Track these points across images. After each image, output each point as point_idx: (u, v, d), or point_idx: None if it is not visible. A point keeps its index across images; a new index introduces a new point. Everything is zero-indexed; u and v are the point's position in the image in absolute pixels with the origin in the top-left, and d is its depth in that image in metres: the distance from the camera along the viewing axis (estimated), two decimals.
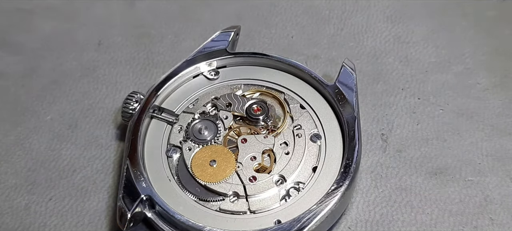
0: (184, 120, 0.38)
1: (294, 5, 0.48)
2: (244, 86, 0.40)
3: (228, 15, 0.48)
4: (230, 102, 0.39)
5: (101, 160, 0.39)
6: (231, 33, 0.41)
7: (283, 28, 0.47)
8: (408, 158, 0.38)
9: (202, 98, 0.39)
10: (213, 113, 0.38)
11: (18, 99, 0.43)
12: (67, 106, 0.42)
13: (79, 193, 0.38)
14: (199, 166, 0.35)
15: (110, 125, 0.41)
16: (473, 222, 0.35)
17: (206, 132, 0.37)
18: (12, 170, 0.39)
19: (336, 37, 0.46)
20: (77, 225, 0.36)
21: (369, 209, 0.36)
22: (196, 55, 0.40)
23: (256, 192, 0.34)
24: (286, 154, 0.36)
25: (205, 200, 0.34)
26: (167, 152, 0.36)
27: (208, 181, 0.35)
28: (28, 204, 0.37)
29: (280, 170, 0.35)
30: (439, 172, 0.38)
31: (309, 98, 0.38)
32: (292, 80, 0.40)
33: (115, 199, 0.37)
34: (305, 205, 0.33)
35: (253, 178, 0.35)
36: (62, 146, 0.40)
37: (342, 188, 0.33)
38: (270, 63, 0.40)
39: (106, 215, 0.36)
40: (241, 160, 0.36)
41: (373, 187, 0.37)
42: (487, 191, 0.36)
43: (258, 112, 0.38)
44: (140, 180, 0.34)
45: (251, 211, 0.34)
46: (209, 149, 0.36)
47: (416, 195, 0.36)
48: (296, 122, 0.38)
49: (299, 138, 0.37)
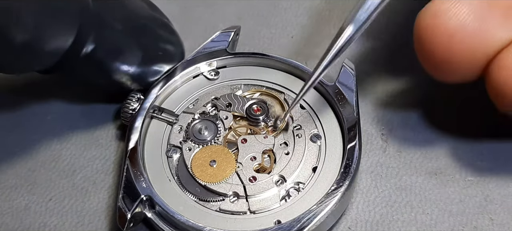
0: (184, 120, 0.38)
1: (294, 5, 0.48)
2: (244, 87, 0.40)
3: (228, 15, 0.48)
4: (230, 103, 0.39)
5: (101, 160, 0.39)
6: (231, 34, 0.41)
7: (283, 28, 0.47)
8: (408, 158, 0.38)
9: (202, 99, 0.39)
10: (213, 114, 0.38)
11: (18, 99, 0.43)
12: (67, 106, 0.42)
13: (79, 193, 0.38)
14: (199, 166, 0.35)
15: (110, 125, 0.41)
16: (473, 222, 0.35)
17: (206, 132, 0.37)
18: (12, 170, 0.39)
19: None
20: (77, 225, 0.36)
21: (369, 209, 0.36)
22: (196, 55, 0.40)
23: (256, 192, 0.34)
24: (286, 154, 0.36)
25: (205, 200, 0.34)
26: (167, 152, 0.37)
27: (208, 181, 0.35)
28: (28, 204, 0.37)
29: (280, 170, 0.35)
30: (439, 172, 0.37)
31: (309, 99, 0.39)
32: (292, 80, 0.40)
33: (115, 199, 0.37)
34: (305, 205, 0.33)
35: (253, 178, 0.35)
36: (62, 146, 0.40)
37: (342, 188, 0.33)
38: (270, 64, 0.40)
39: (106, 215, 0.36)
40: (241, 160, 0.36)
41: (373, 187, 0.37)
42: (487, 191, 0.36)
43: (258, 113, 0.38)
44: (140, 180, 0.34)
45: (251, 211, 0.34)
46: (209, 149, 0.36)
47: (416, 195, 0.36)
48: (296, 122, 0.38)
49: (299, 138, 0.37)
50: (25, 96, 0.43)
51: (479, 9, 0.31)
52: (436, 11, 0.32)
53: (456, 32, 0.31)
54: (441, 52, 0.32)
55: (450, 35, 0.31)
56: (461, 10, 0.31)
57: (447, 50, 0.32)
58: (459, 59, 0.32)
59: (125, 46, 0.36)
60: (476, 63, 0.32)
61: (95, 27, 0.33)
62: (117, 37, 0.35)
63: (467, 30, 0.31)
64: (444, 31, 0.31)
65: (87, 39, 0.33)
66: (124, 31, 0.35)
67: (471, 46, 0.31)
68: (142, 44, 0.37)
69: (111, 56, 0.35)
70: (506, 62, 0.31)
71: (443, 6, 0.32)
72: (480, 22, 0.31)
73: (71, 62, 0.34)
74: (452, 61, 0.32)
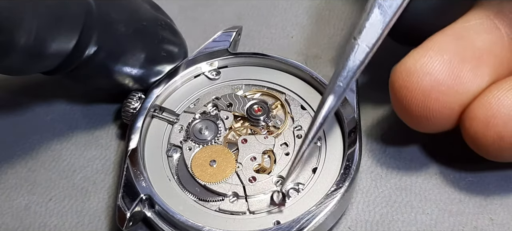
0: (184, 119, 0.38)
1: (294, 5, 0.48)
2: (245, 87, 0.40)
3: (228, 15, 0.48)
4: (231, 103, 0.39)
5: (101, 160, 0.39)
6: (233, 33, 0.41)
7: (283, 28, 0.47)
8: (408, 158, 0.38)
9: (203, 98, 0.39)
10: (214, 113, 0.38)
11: (18, 100, 0.43)
12: (67, 107, 0.42)
13: (79, 193, 0.38)
14: (199, 166, 0.35)
15: (110, 125, 0.41)
16: (473, 222, 0.35)
17: (206, 131, 0.37)
18: (12, 170, 0.39)
19: (336, 37, 0.46)
20: (77, 225, 0.36)
21: (369, 209, 0.36)
22: (198, 55, 0.40)
23: (256, 192, 0.34)
24: (286, 154, 0.36)
25: (205, 200, 0.34)
26: (168, 152, 0.37)
27: (208, 181, 0.35)
28: (28, 204, 0.37)
29: (280, 170, 0.35)
30: (439, 172, 0.38)
31: (310, 99, 0.39)
32: (293, 80, 0.40)
33: (115, 199, 0.37)
34: (304, 206, 0.33)
35: (252, 178, 0.35)
36: (62, 146, 0.40)
37: (342, 189, 0.33)
38: (271, 64, 0.40)
39: (106, 215, 0.36)
40: (241, 160, 0.36)
41: (373, 187, 0.37)
42: (487, 191, 0.36)
43: (258, 113, 0.38)
44: (140, 180, 0.34)
45: (250, 211, 0.34)
46: (209, 149, 0.36)
47: (416, 195, 0.36)
48: (296, 123, 0.38)
49: (299, 139, 0.37)
50: (25, 96, 0.43)
51: (451, 65, 0.32)
52: (409, 70, 0.32)
53: (431, 90, 0.32)
54: (417, 110, 0.33)
55: (425, 94, 0.32)
56: (434, 68, 0.32)
57: (423, 108, 0.32)
58: (435, 115, 0.32)
59: (128, 48, 0.36)
60: (452, 115, 0.33)
61: (98, 29, 0.33)
62: (120, 38, 0.35)
63: (441, 88, 0.32)
64: (419, 91, 0.32)
65: (90, 41, 0.33)
66: (127, 32, 0.35)
67: (446, 103, 0.32)
68: (145, 46, 0.37)
69: (114, 58, 0.35)
70: (477, 113, 0.32)
71: (417, 64, 0.32)
72: (453, 78, 0.32)
73: (74, 63, 0.34)
74: (429, 117, 0.33)
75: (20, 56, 0.30)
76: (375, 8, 0.32)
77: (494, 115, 0.31)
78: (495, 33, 0.33)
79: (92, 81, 0.37)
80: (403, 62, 0.33)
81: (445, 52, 0.32)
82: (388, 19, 0.32)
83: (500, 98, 0.31)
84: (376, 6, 0.32)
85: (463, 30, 0.33)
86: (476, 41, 0.33)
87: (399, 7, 0.32)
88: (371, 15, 0.32)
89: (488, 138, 0.32)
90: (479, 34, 0.33)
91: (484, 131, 0.32)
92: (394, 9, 0.32)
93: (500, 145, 0.32)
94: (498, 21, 0.33)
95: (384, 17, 0.32)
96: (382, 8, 0.32)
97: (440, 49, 0.32)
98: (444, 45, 0.32)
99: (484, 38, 0.33)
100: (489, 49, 0.32)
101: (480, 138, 0.32)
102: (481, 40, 0.33)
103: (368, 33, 0.32)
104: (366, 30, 0.32)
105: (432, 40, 0.33)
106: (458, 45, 0.32)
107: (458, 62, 0.32)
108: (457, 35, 0.33)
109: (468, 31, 0.33)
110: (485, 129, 0.32)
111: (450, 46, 0.32)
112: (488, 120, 0.31)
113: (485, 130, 0.32)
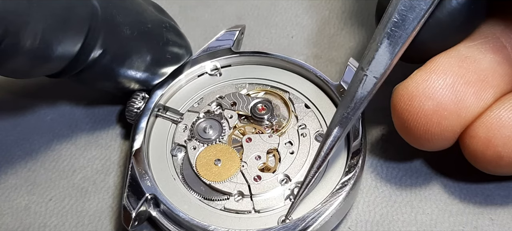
0: (189, 118, 0.38)
1: (294, 5, 0.49)
2: (249, 86, 0.40)
3: (228, 15, 0.48)
4: (235, 102, 0.39)
5: (101, 160, 0.39)
6: (236, 32, 0.41)
7: (283, 28, 0.47)
8: (408, 158, 0.39)
9: (207, 97, 0.39)
10: (218, 113, 0.38)
11: (18, 100, 0.42)
12: (67, 107, 0.42)
13: (79, 193, 0.37)
14: (203, 165, 0.35)
15: (110, 125, 0.41)
16: (473, 222, 0.35)
17: (210, 131, 0.37)
18: (12, 170, 0.38)
19: (336, 37, 0.46)
20: (77, 225, 0.36)
21: (369, 209, 0.36)
22: (201, 54, 0.40)
23: (261, 191, 0.34)
24: (290, 153, 0.36)
25: (210, 199, 0.34)
26: (172, 151, 0.36)
27: (212, 180, 0.35)
28: (28, 204, 0.37)
29: (284, 169, 0.35)
30: (439, 172, 0.38)
31: (314, 98, 0.39)
32: (296, 79, 0.40)
33: (115, 199, 0.37)
34: (309, 205, 0.33)
35: (257, 177, 0.35)
36: (62, 146, 0.40)
37: (347, 187, 0.33)
38: (275, 63, 0.40)
39: (106, 215, 0.36)
40: (246, 159, 0.36)
41: (373, 187, 0.37)
42: (487, 191, 0.37)
43: (262, 112, 0.38)
44: (145, 179, 0.34)
45: (255, 210, 0.34)
46: (213, 148, 0.36)
47: (416, 195, 0.37)
48: (301, 121, 0.38)
49: (304, 138, 0.37)
50: (25, 96, 0.43)
51: (454, 88, 0.31)
52: (412, 94, 0.32)
53: (433, 115, 0.32)
54: (419, 133, 0.32)
55: (427, 118, 0.32)
56: (436, 92, 0.31)
57: (425, 132, 0.32)
58: (436, 138, 0.32)
59: (134, 50, 0.35)
60: (453, 136, 0.33)
61: (103, 32, 0.33)
62: (125, 41, 0.35)
63: (443, 113, 0.31)
64: (421, 115, 0.32)
65: (95, 44, 0.33)
66: (132, 35, 0.35)
67: (448, 126, 0.32)
68: (150, 48, 0.36)
69: (119, 61, 0.35)
70: (477, 132, 0.32)
71: (419, 87, 0.32)
72: (456, 103, 0.31)
73: (79, 66, 0.33)
74: (430, 139, 0.33)
75: (25, 59, 0.30)
76: (384, 38, 0.32)
77: (494, 136, 0.31)
78: (502, 52, 0.33)
79: (97, 84, 0.37)
80: (406, 85, 0.32)
81: (449, 75, 0.31)
82: (398, 50, 0.31)
83: (501, 118, 0.31)
84: (386, 37, 0.31)
85: (467, 51, 0.32)
86: (481, 62, 0.32)
87: (408, 37, 0.31)
88: (381, 45, 0.32)
89: (487, 157, 0.32)
90: (485, 54, 0.32)
91: (483, 150, 0.32)
92: (404, 39, 0.31)
93: (498, 163, 0.32)
94: (505, 39, 0.33)
95: (393, 48, 0.31)
96: (392, 38, 0.31)
97: (443, 71, 0.32)
98: (447, 67, 0.32)
99: (490, 59, 0.32)
100: (494, 69, 0.32)
101: (479, 156, 0.32)
102: (487, 61, 0.32)
103: (376, 64, 0.32)
104: (375, 61, 0.32)
105: (436, 61, 0.32)
106: (462, 67, 0.32)
107: (462, 86, 0.31)
108: (461, 56, 0.32)
109: (473, 51, 0.32)
110: (484, 148, 0.32)
111: (454, 68, 0.32)
112: (488, 139, 0.31)
113: (484, 149, 0.32)
